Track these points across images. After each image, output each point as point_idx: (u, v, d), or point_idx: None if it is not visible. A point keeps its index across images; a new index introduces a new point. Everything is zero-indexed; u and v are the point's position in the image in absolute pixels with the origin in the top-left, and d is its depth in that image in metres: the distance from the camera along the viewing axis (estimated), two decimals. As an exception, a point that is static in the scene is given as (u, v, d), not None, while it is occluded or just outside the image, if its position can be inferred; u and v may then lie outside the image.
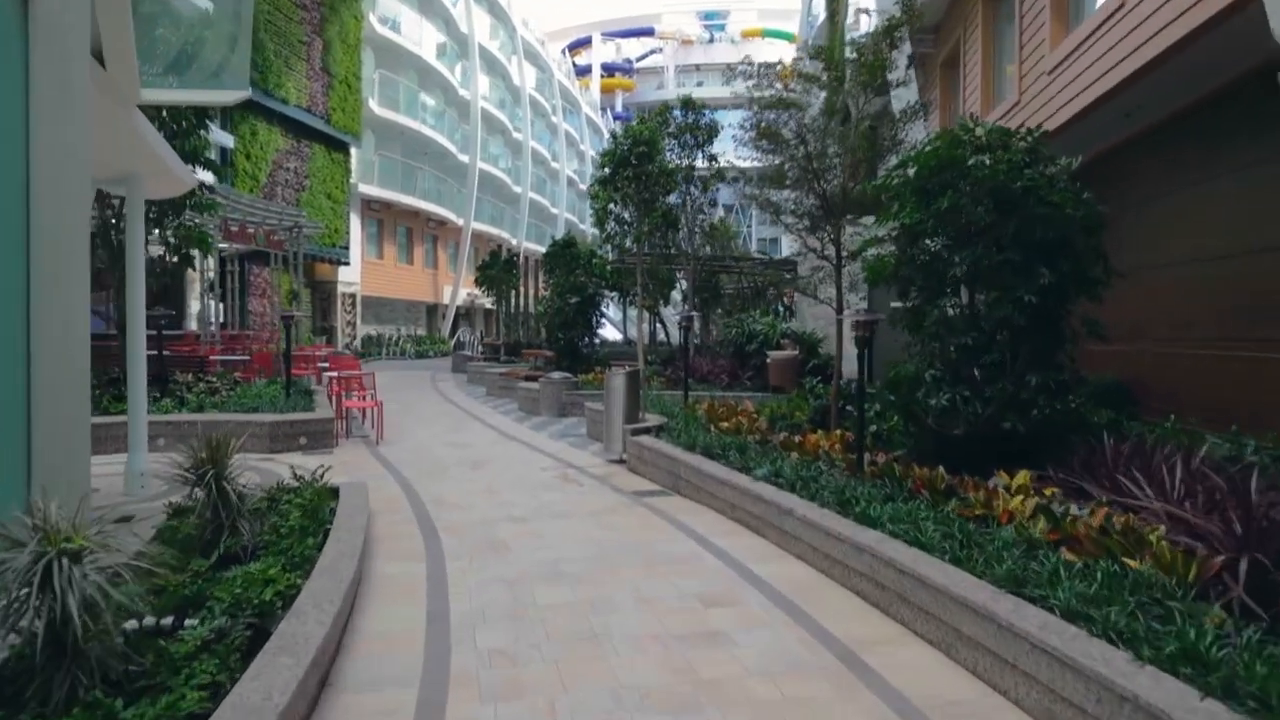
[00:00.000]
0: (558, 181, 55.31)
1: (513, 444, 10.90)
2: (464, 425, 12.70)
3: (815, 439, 7.71)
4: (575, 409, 13.60)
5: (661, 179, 14.37)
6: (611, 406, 9.48)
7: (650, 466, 8.44)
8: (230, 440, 5.04)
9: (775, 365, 13.11)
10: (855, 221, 9.08)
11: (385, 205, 32.59)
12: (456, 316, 40.00)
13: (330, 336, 29.29)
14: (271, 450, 9.93)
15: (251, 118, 23.49)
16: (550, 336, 16.60)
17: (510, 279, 24.94)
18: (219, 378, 12.62)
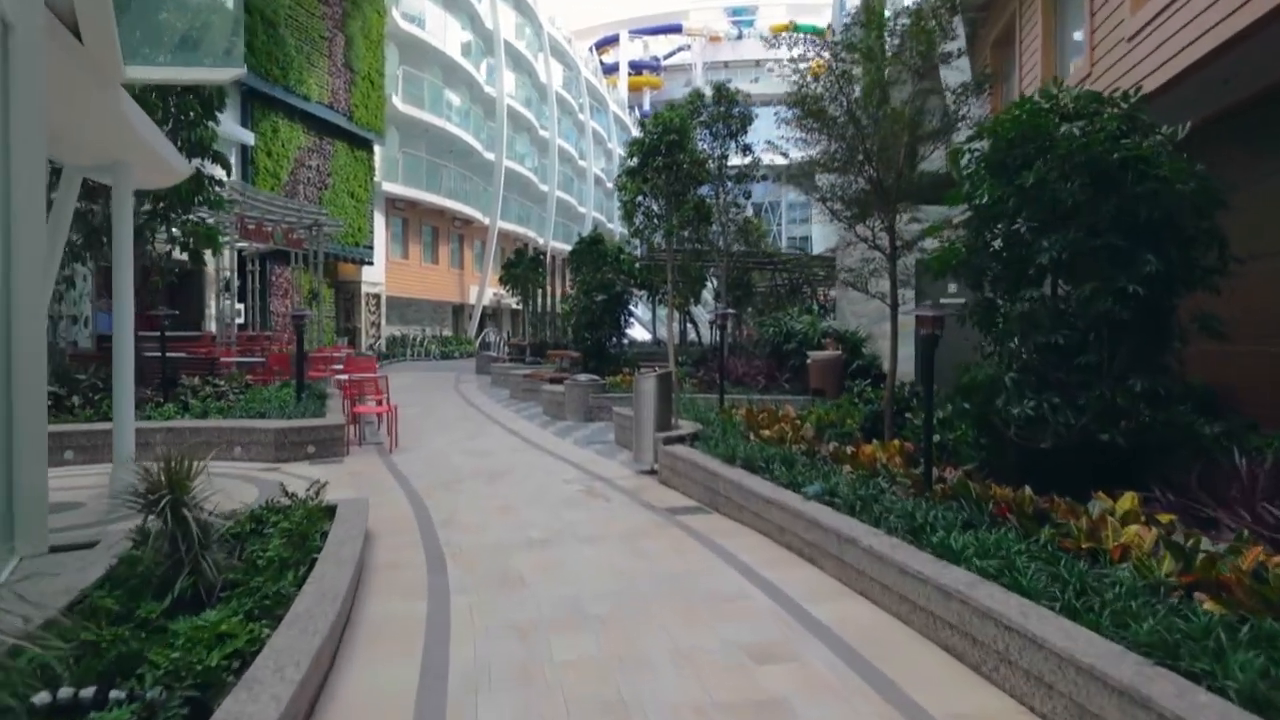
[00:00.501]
0: (585, 180, 54.64)
1: (535, 452, 10.14)
2: (484, 430, 11.98)
3: (871, 450, 6.85)
4: (602, 413, 12.83)
5: (693, 169, 13.56)
6: (641, 412, 8.69)
7: (685, 479, 7.64)
8: (194, 459, 4.30)
9: (816, 366, 12.24)
10: (911, 209, 8.20)
11: (410, 204, 32.07)
12: (483, 317, 39.46)
13: (354, 337, 28.81)
14: (277, 459, 9.26)
15: (272, 114, 23.03)
16: (576, 337, 15.85)
17: (536, 278, 24.24)
18: (228, 381, 12.02)
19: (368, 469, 8.93)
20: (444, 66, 34.22)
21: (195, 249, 12.12)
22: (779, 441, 7.80)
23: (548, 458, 9.73)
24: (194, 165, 11.85)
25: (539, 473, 8.74)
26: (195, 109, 11.26)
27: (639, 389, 8.69)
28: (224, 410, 10.23)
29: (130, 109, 6.86)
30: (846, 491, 5.66)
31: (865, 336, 12.92)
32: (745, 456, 7.04)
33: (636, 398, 8.75)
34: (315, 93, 24.66)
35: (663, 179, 13.38)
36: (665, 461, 8.09)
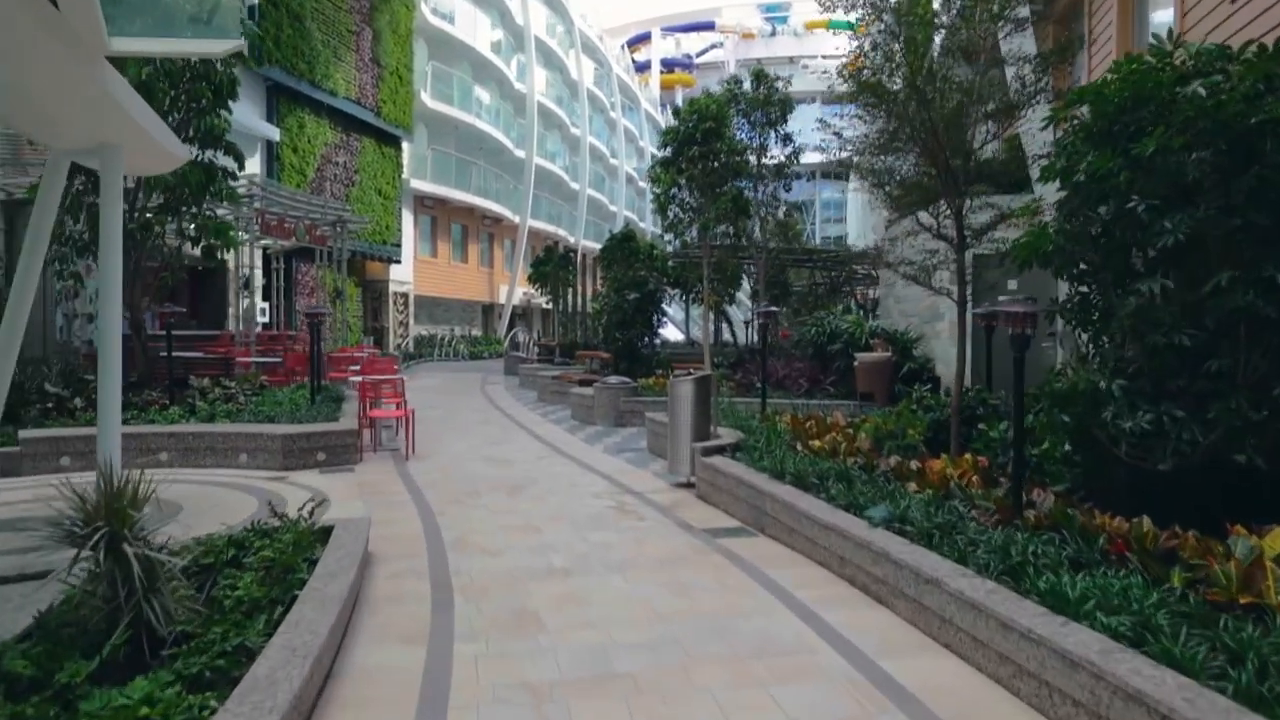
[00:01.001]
0: (616, 178, 53.95)
1: (561, 460, 9.41)
2: (508, 436, 11.26)
3: (940, 467, 6.00)
4: (634, 418, 12.06)
5: (731, 160, 12.74)
6: (677, 419, 7.91)
7: (726, 495, 6.84)
8: (138, 485, 3.60)
9: (864, 369, 11.37)
10: (984, 191, 7.31)
11: (439, 201, 31.58)
12: (513, 316, 38.91)
13: (381, 337, 28.35)
14: (285, 467, 8.61)
15: (298, 110, 22.58)
16: (607, 337, 15.10)
17: (566, 276, 23.53)
18: (240, 383, 11.43)
19: (379, 479, 8.24)
20: (474, 62, 33.70)
21: (208, 244, 11.54)
22: (831, 454, 6.97)
23: (575, 467, 8.98)
24: (206, 156, 11.33)
25: (564, 484, 8.00)
26: (206, 95, 10.68)
27: (674, 394, 7.91)
28: (232, 414, 9.62)
29: (117, 86, 6.22)
30: (919, 517, 4.83)
31: (916, 337, 12.01)
32: (795, 471, 6.22)
33: (672, 403, 7.97)
34: (342, 88, 24.20)
35: (698, 170, 12.59)
36: (704, 475, 7.30)
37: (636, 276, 14.73)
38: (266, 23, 20.91)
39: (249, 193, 15.33)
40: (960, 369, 6.92)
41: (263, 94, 21.55)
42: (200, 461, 8.78)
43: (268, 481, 8.01)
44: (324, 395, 11.18)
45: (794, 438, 7.85)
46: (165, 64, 10.14)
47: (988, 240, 7.24)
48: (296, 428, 8.94)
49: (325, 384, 12.09)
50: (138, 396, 10.09)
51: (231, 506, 6.95)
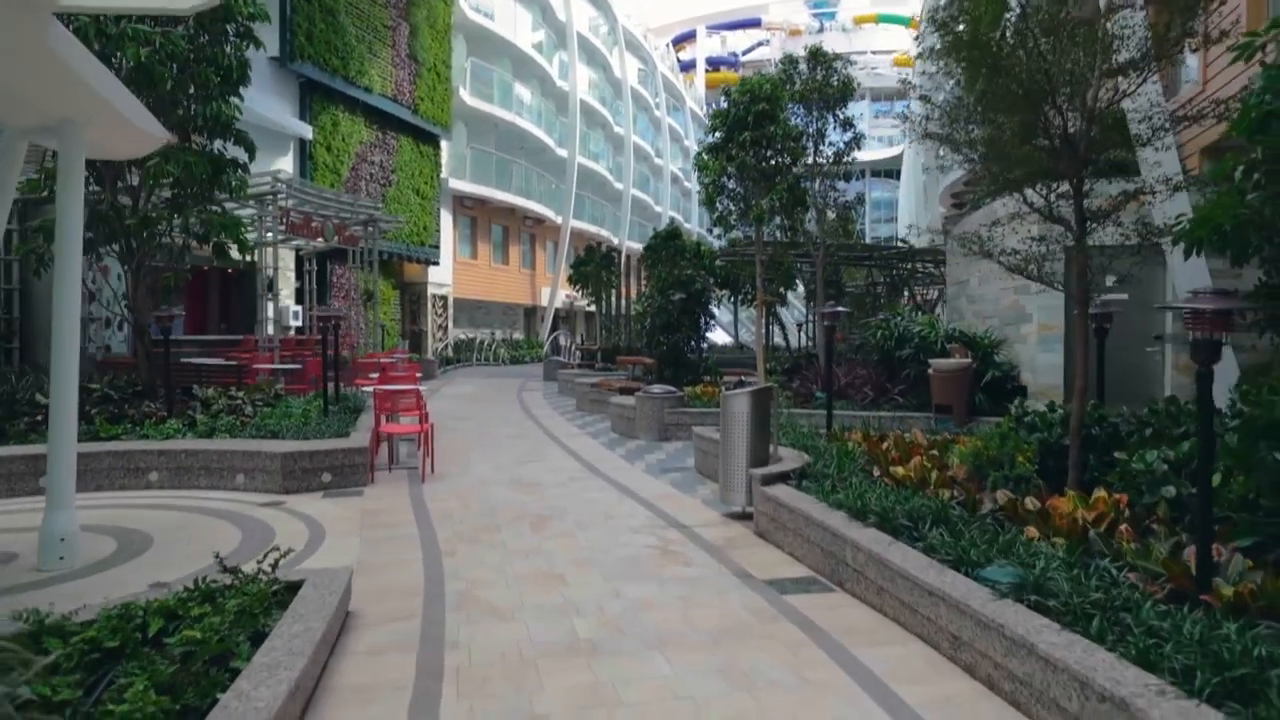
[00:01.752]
0: (661, 178, 52.83)
1: (596, 482, 8.27)
2: (540, 452, 10.16)
3: (1068, 508, 4.72)
4: (679, 432, 10.88)
5: (787, 145, 11.50)
6: (731, 439, 6.71)
7: (792, 535, 5.63)
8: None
9: (940, 378, 10.03)
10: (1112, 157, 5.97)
11: (479, 202, 30.76)
12: (556, 319, 37.98)
13: (420, 341, 27.58)
14: (284, 490, 7.61)
15: (332, 107, 21.85)
16: (650, 341, 13.95)
17: (608, 277, 22.44)
18: (249, 392, 10.51)
19: (388, 505, 7.19)
20: (514, 59, 32.85)
21: (219, 243, 10.65)
22: (919, 485, 5.72)
23: (612, 491, 7.83)
24: (216, 147, 10.46)
25: (599, 515, 6.85)
26: (211, 79, 9.78)
27: (728, 410, 6.72)
28: (234, 428, 8.67)
29: (73, 52, 5.26)
30: (1064, 587, 3.59)
31: (1000, 340, 10.62)
32: (880, 512, 4.99)
33: (725, 420, 6.78)
34: (377, 84, 23.44)
35: (750, 156, 11.36)
36: (764, 507, 6.09)
37: (682, 275, 13.55)
38: (298, 17, 20.23)
39: (272, 189, 14.52)
40: (1083, 380, 5.59)
41: (295, 91, 20.87)
42: (193, 482, 7.83)
43: (261, 508, 7.02)
44: (341, 406, 10.23)
45: (869, 461, 6.61)
46: (166, 45, 9.27)
47: (1112, 222, 5.91)
48: (299, 445, 7.94)
49: (346, 393, 11.16)
50: (134, 409, 9.22)
51: (209, 540, 5.95)
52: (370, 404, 10.68)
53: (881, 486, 5.75)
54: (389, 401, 8.32)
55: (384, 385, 9.24)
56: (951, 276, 13.99)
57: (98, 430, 8.33)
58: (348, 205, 17.73)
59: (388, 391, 8.31)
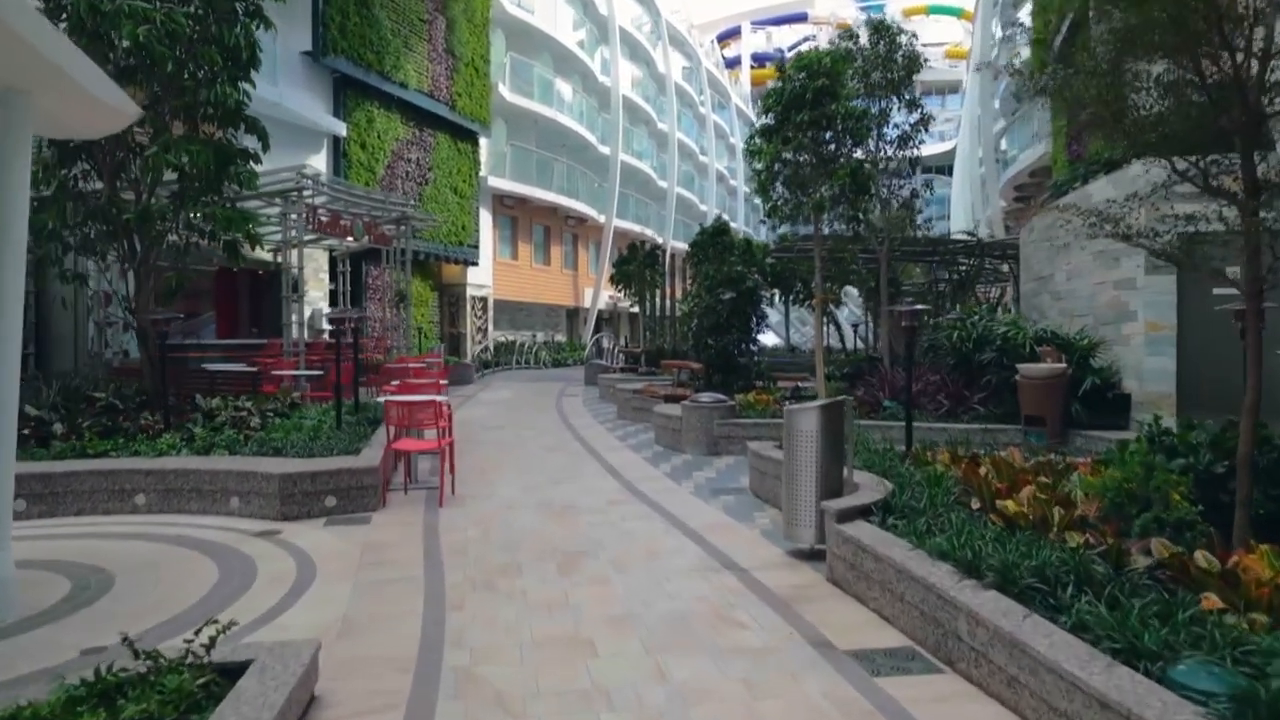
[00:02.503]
0: (706, 176, 51.67)
1: (638, 508, 7.20)
2: (576, 469, 9.13)
3: (1265, 571, 3.52)
4: (731, 445, 9.77)
5: (849, 125, 10.33)
6: (796, 461, 5.60)
7: (878, 589, 4.50)
8: None
9: (1030, 386, 8.77)
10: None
11: (519, 201, 29.94)
12: (599, 321, 37.05)
13: (458, 343, 26.84)
14: (282, 516, 6.69)
15: (366, 103, 21.16)
16: (697, 343, 12.84)
17: (652, 276, 21.38)
18: (257, 402, 9.66)
19: (396, 537, 6.21)
20: (555, 54, 32.01)
21: (231, 240, 9.83)
22: (1038, 526, 4.55)
23: (655, 520, 6.76)
24: (225, 135, 9.65)
25: (640, 552, 5.79)
26: (215, 60, 8.95)
27: (794, 428, 5.60)
28: (234, 443, 7.79)
29: (11, 7, 4.38)
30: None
31: (1097, 342, 9.30)
32: (1000, 567, 3.84)
33: (789, 440, 5.66)
34: (413, 80, 22.72)
35: (808, 138, 10.21)
36: (841, 550, 4.96)
37: (732, 272, 12.43)
38: (331, 10, 19.56)
39: (297, 185, 13.74)
40: (1256, 395, 4.35)
41: (328, 86, 20.22)
42: (184, 506, 6.96)
43: (251, 539, 6.09)
44: (360, 417, 9.32)
45: (965, 491, 5.44)
46: (166, 24, 8.45)
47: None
48: (300, 464, 7.01)
49: (368, 402, 10.27)
50: (129, 421, 8.40)
51: (180, 581, 5.05)
52: (393, 414, 9.78)
53: (989, 527, 4.60)
54: (403, 415, 7.35)
55: (399, 395, 8.29)
56: (1029, 271, 12.64)
57: (84, 446, 7.51)
58: (379, 203, 16.93)
59: (400, 404, 7.33)
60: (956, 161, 48.57)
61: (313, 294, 20.15)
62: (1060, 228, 10.40)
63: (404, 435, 8.15)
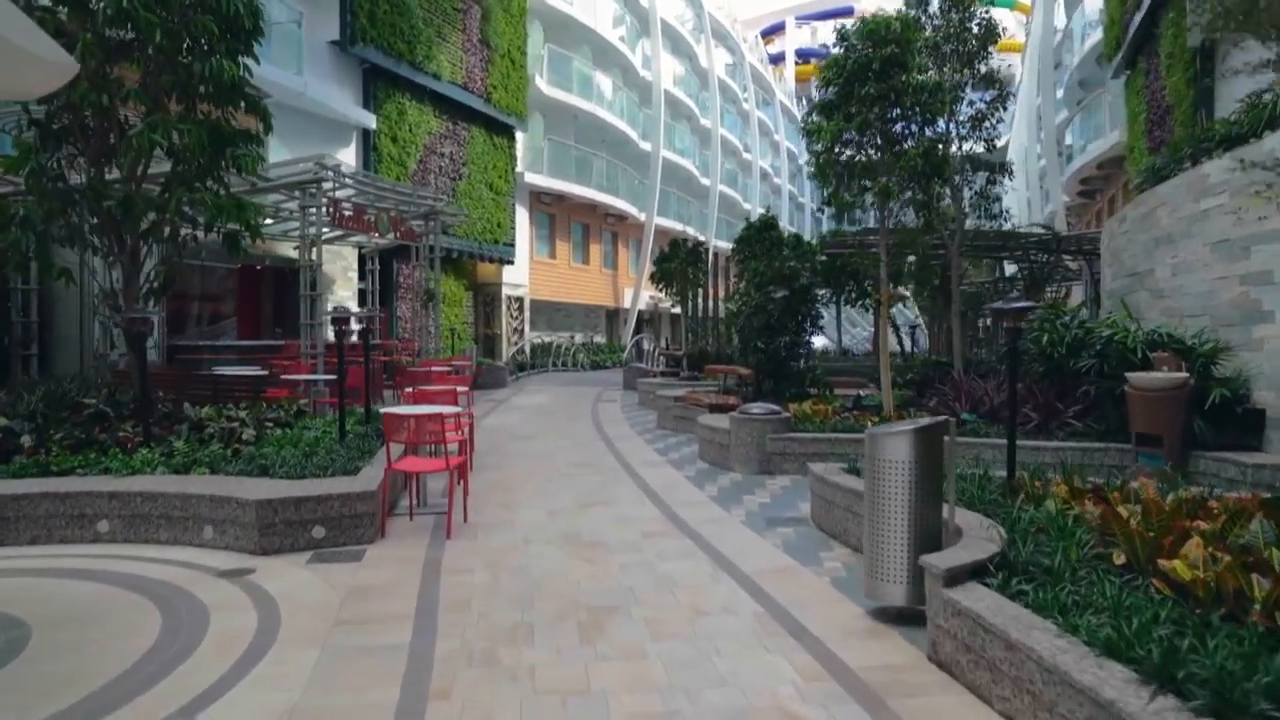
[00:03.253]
0: (750, 174, 50.30)
1: (680, 542, 6.05)
2: (610, 489, 8.01)
3: None
4: (786, 463, 8.57)
5: (921, 99, 9.07)
6: (884, 499, 4.41)
7: (1008, 683, 3.30)
8: None
9: (1145, 398, 7.43)
10: None
11: (557, 197, 28.96)
12: (639, 322, 35.94)
13: (493, 345, 25.93)
14: (260, 549, 5.68)
15: (397, 95, 20.31)
16: (745, 346, 11.64)
17: (695, 275, 20.20)
18: (253, 410, 8.70)
19: (388, 580, 5.14)
20: (594, 47, 31.01)
21: (232, 233, 8.89)
22: (1230, 599, 3.31)
23: (701, 560, 5.61)
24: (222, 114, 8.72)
25: (683, 608, 4.63)
26: (211, 30, 8.00)
27: (879, 456, 4.41)
28: (219, 460, 6.81)
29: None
30: None
31: (1222, 347, 7.91)
32: (1216, 685, 2.62)
33: (873, 471, 4.47)
34: (447, 71, 21.83)
35: (874, 114, 8.97)
36: (951, 622, 3.75)
37: (784, 268, 11.21)
38: (360, -4, 18.75)
39: (315, 176, 12.85)
40: None
41: (358, 77, 19.41)
42: (151, 534, 5.98)
43: (216, 580, 5.08)
44: (371, 428, 8.33)
45: (1103, 538, 4.21)
46: (153, -14, 7.53)
47: None
48: (285, 488, 5.98)
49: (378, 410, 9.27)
50: (106, 433, 7.48)
51: (109, 639, 4.05)
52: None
53: (1153, 600, 3.38)
54: (407, 430, 6.28)
55: (403, 407, 7.24)
56: (1119, 266, 11.21)
57: (50, 462, 6.59)
58: (405, 196, 16.01)
59: (401, 417, 6.26)
60: (1011, 157, 46.73)
61: (341, 293, 19.39)
62: (1170, 214, 9.02)
63: (411, 452, 7.09)
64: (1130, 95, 19.57)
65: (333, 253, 19.01)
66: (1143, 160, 16.70)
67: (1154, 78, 17.31)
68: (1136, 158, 18.59)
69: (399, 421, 6.24)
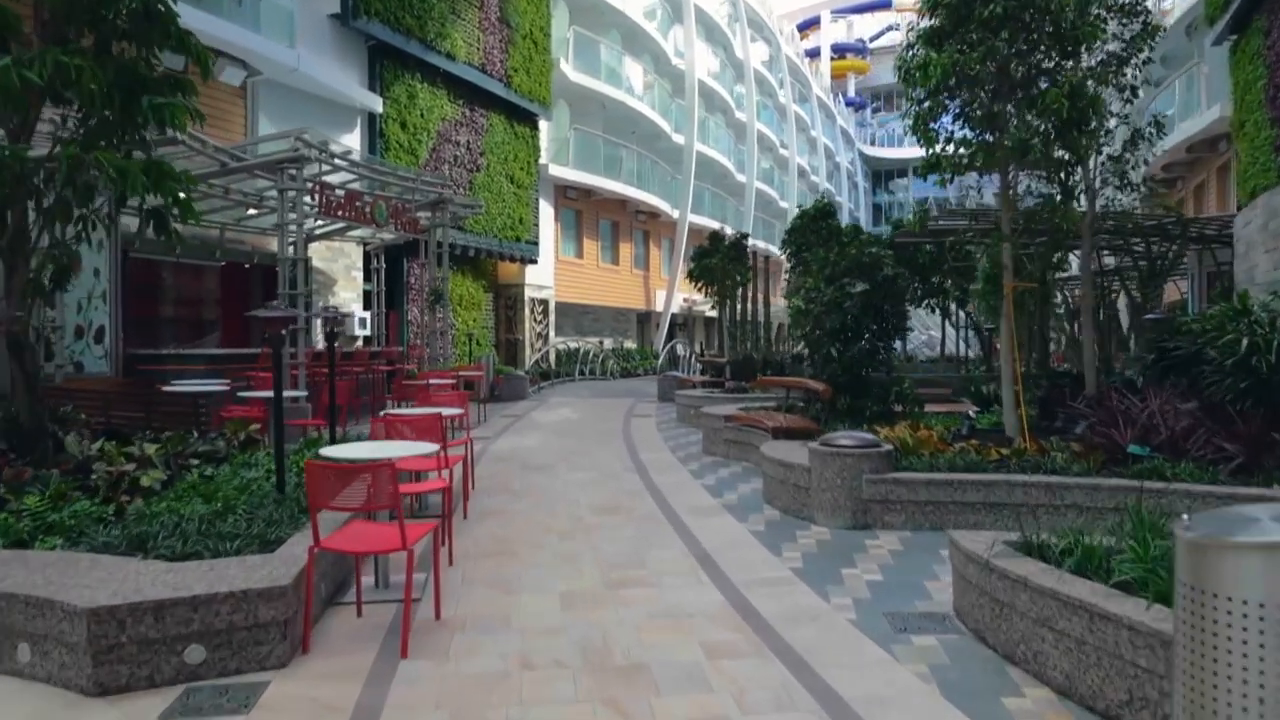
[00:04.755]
0: (787, 171, 47.83)
1: (766, 670, 3.80)
2: (647, 557, 5.75)
3: None
4: (890, 514, 6.28)
5: (1064, 20, 6.75)
6: (1230, 682, 2.14)
7: None
8: None
9: None
10: None
11: (584, 192, 26.84)
12: (672, 326, 33.69)
13: (515, 351, 23.84)
14: (98, 685, 3.53)
15: (407, 76, 18.31)
16: (814, 351, 9.35)
17: (739, 272, 17.92)
18: (170, 445, 6.56)
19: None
20: (623, 31, 28.87)
21: (155, 211, 6.77)
22: None
23: (808, 709, 3.36)
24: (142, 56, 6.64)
25: None
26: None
27: (1220, 588, 2.14)
28: (87, 523, 4.68)
29: None
30: None
31: None
32: None
33: (1197, 616, 2.20)
34: (462, 51, 19.81)
35: (1003, 40, 6.67)
36: None
37: (864, 255, 8.94)
38: (364, -36, 16.77)
39: (293, 153, 10.82)
40: None
41: (362, 55, 17.43)
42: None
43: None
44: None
45: None
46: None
47: None
48: (146, 581, 3.82)
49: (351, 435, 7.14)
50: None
51: None
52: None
53: None
54: (339, 488, 4.07)
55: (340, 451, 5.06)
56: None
57: None
58: (407, 181, 13.95)
59: (329, 469, 4.05)
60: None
61: (344, 294, 17.40)
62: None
63: (365, 516, 4.91)
64: (1240, 62, 17.00)
65: (335, 249, 17.03)
66: (1261, 134, 14.25)
67: (1278, 36, 14.76)
68: (1250, 132, 16.05)
69: (326, 478, 4.05)
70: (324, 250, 16.58)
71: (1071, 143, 6.83)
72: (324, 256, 16.67)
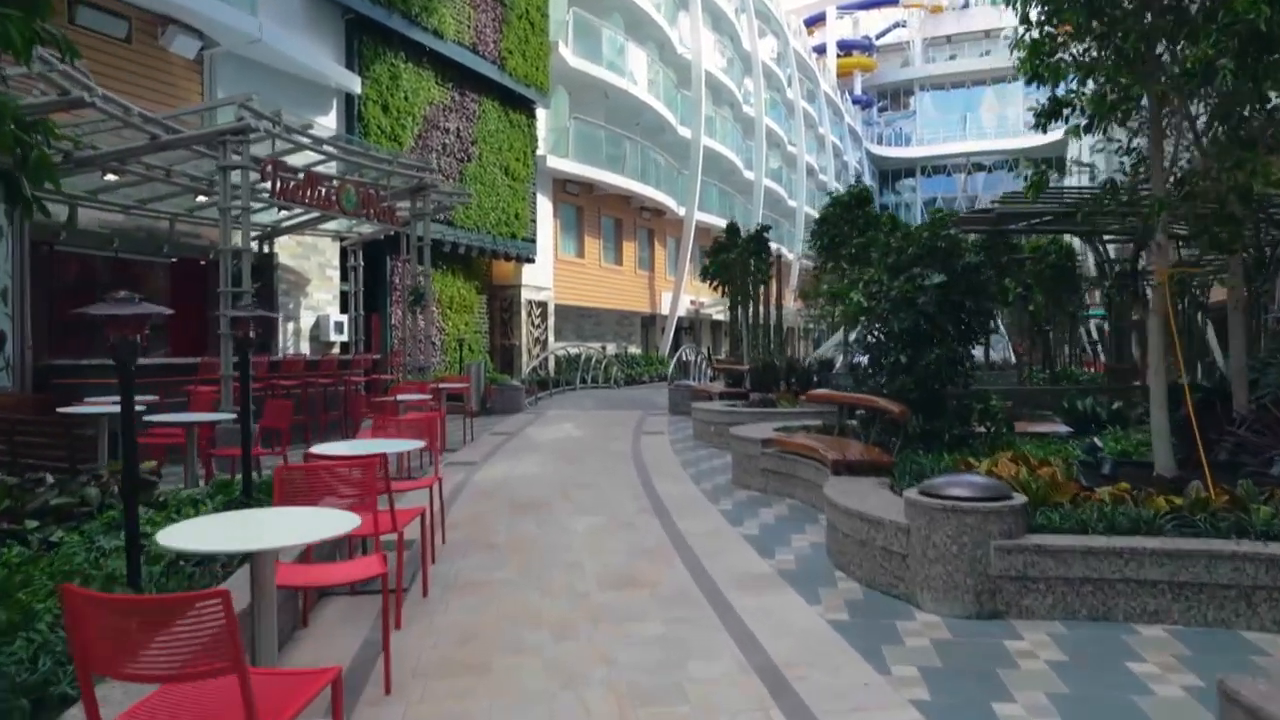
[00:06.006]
0: (795, 168, 45.92)
1: None
2: (687, 676, 3.87)
3: None
4: (1030, 598, 4.37)
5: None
6: None
7: None
8: None
9: None
10: None
11: (585, 187, 24.97)
12: (678, 331, 31.78)
13: (511, 358, 21.95)
14: None
15: (389, 54, 16.45)
16: (876, 361, 7.47)
17: (758, 268, 16.01)
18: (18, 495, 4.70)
19: None
20: (626, 15, 27.01)
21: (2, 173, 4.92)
22: None
23: None
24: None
25: None
26: None
27: None
28: None
29: None
30: None
31: None
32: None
33: None
34: (450, 29, 17.95)
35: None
36: None
37: (939, 239, 7.07)
38: (339, -74, 14.94)
39: (238, 124, 8.97)
40: None
41: (339, 30, 15.58)
42: None
43: None
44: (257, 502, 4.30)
45: None
46: None
47: None
48: None
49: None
50: None
51: None
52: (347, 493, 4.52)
53: None
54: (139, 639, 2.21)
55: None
56: None
57: None
58: (383, 164, 12.07)
59: (113, 607, 2.17)
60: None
61: (319, 295, 15.53)
62: None
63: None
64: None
65: (306, 245, 15.16)
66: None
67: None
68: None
69: (103, 619, 2.15)
70: (294, 245, 14.72)
71: (1256, 77, 4.92)
72: (294, 253, 14.82)
